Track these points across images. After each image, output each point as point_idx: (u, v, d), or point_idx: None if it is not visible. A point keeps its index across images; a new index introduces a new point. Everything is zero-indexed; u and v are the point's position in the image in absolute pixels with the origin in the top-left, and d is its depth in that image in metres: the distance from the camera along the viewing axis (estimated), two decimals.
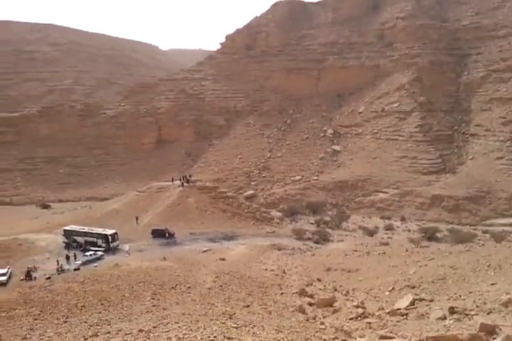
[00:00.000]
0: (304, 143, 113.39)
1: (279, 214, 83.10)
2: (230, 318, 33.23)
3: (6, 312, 37.81)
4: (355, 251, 58.40)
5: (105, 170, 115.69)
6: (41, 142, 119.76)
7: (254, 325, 31.91)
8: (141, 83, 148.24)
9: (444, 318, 22.90)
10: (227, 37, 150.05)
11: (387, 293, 36.70)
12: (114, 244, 57.41)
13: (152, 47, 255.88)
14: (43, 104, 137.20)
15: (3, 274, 48.36)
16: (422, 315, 25.57)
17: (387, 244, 64.23)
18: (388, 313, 28.02)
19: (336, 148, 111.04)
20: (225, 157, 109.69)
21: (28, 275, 48.55)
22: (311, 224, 79.98)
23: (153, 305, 36.64)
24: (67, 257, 53.68)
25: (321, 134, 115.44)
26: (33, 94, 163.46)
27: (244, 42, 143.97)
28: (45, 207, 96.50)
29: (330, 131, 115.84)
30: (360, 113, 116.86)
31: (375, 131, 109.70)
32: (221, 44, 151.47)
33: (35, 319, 35.41)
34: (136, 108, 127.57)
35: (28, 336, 30.67)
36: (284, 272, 48.85)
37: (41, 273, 49.75)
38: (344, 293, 39.65)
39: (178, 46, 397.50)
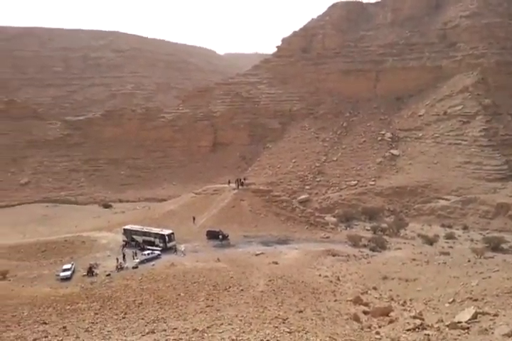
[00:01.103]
0: (361, 147, 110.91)
1: (333, 219, 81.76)
2: (283, 323, 33.02)
3: (70, 305, 39.83)
4: (414, 259, 56.18)
5: (164, 172, 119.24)
6: (104, 144, 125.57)
7: (308, 331, 31.50)
8: (198, 87, 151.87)
9: (510, 335, 21.44)
10: (283, 40, 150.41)
11: (447, 304, 34.99)
12: (171, 244, 58.84)
13: (209, 52, 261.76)
14: (107, 108, 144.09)
15: (68, 269, 50.98)
16: (486, 330, 24.10)
17: (447, 253, 61.24)
18: (448, 326, 26.67)
19: (395, 152, 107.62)
20: (279, 160, 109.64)
21: (90, 272, 50.81)
22: (367, 230, 78.01)
23: (207, 306, 37.15)
24: (124, 255, 55.72)
25: (379, 138, 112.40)
26: (97, 98, 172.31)
27: (301, 44, 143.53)
28: (107, 206, 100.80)
29: (388, 134, 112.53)
30: (420, 116, 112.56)
31: (437, 134, 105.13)
32: (277, 47, 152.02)
33: (96, 313, 36.97)
34: (193, 111, 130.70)
35: (89, 329, 32.10)
36: (338, 279, 47.87)
37: (102, 269, 51.94)
38: (401, 302, 38.24)
39: (234, 50, 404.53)
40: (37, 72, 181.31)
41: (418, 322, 29.62)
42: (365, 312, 35.07)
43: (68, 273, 50.25)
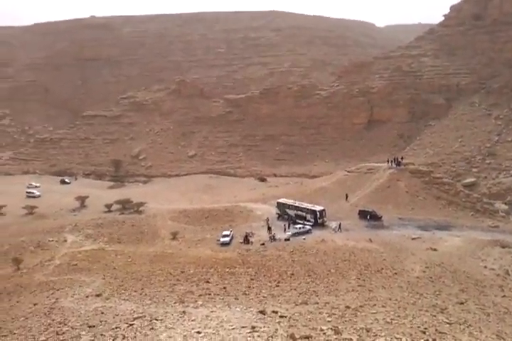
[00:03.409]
0: None
1: (505, 206, 72.60)
2: (441, 312, 31.17)
3: (228, 268, 43.24)
4: None
5: (316, 149, 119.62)
6: (261, 121, 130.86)
7: (470, 325, 29.20)
8: (355, 62, 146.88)
9: None
10: (452, 7, 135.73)
11: None
12: (322, 220, 59.25)
13: (368, 25, 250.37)
14: (264, 86, 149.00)
15: (227, 235, 55.29)
16: None
17: None
18: None
19: None
20: (442, 139, 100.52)
21: (246, 240, 54.29)
22: None
23: (359, 285, 36.69)
24: (269, 228, 57.99)
25: None
26: (256, 77, 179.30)
27: (473, 11, 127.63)
28: (262, 180, 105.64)
29: None
30: None
31: None
32: (444, 16, 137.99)
33: (252, 279, 39.39)
34: (349, 88, 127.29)
35: (246, 292, 34.39)
36: (507, 273, 43.01)
37: (256, 238, 55.07)
38: None
39: (395, 22, 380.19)
40: (203, 53, 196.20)
41: None
42: None
43: (227, 238, 54.46)
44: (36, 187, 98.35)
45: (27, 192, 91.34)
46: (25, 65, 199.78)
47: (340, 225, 56.83)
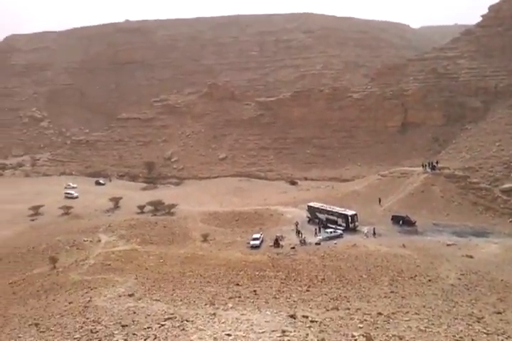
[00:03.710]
0: None
1: None
2: (478, 322, 30.24)
3: (258, 271, 43.21)
4: None
5: (348, 152, 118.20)
6: (293, 124, 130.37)
7: (509, 336, 28.14)
8: (388, 64, 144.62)
9: None
10: (491, 7, 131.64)
11: None
12: (354, 224, 58.47)
13: (402, 26, 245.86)
14: (296, 88, 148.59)
15: (257, 238, 55.25)
16: None
17: None
18: None
19: None
20: (479, 143, 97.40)
21: (276, 243, 54.11)
22: None
23: (391, 292, 36.04)
24: (298, 232, 57.75)
25: None
26: (287, 79, 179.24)
27: None
28: (293, 183, 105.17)
29: None
30: None
31: None
32: (482, 16, 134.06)
33: (282, 282, 39.25)
34: (382, 90, 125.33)
35: (277, 296, 34.28)
36: None
37: (286, 242, 54.84)
38: None
39: (430, 23, 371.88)
40: (236, 56, 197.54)
41: None
42: None
43: (257, 241, 54.43)
44: (73, 187, 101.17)
45: (65, 193, 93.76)
46: (62, 68, 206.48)
47: (374, 230, 55.93)
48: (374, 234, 55.36)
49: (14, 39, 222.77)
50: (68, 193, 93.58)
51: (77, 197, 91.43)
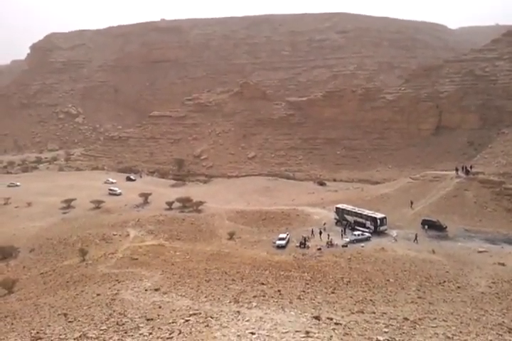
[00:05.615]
0: None
1: None
2: (509, 332, 29.16)
3: (283, 271, 43.08)
4: None
5: (379, 154, 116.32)
6: (323, 124, 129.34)
7: None
8: (424, 66, 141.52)
9: None
10: None
11: None
12: (382, 227, 57.59)
13: (439, 27, 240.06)
14: (328, 89, 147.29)
15: (283, 238, 55.09)
16: None
17: None
18: None
19: None
20: None
21: (303, 244, 53.82)
22: None
23: (419, 297, 35.32)
24: (321, 233, 57.09)
25: None
26: (319, 79, 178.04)
27: None
28: (321, 184, 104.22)
29: None
30: None
31: None
32: None
33: (307, 283, 38.98)
34: (416, 92, 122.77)
35: (301, 297, 34.06)
36: None
37: (313, 243, 54.45)
38: None
39: (469, 23, 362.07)
40: (268, 56, 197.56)
41: None
42: None
43: (283, 241, 54.28)
44: (113, 183, 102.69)
45: (109, 189, 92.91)
46: (98, 66, 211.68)
47: (416, 236, 53.97)
48: (416, 240, 53.56)
49: (54, 37, 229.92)
50: (112, 190, 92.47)
51: (120, 194, 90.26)
